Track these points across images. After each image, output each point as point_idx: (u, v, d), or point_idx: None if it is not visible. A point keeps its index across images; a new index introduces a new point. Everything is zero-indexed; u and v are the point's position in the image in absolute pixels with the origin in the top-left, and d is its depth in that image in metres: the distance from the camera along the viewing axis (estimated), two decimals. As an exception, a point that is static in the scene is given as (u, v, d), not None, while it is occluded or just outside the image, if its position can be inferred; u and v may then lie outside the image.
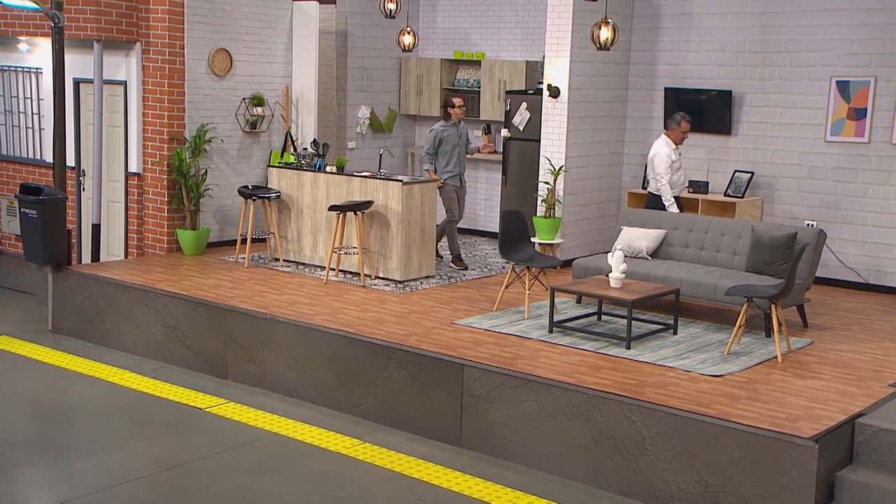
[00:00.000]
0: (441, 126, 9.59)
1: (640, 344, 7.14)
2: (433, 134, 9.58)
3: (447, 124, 9.57)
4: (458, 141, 9.58)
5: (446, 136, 9.52)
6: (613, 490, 5.94)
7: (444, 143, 9.52)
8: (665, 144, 8.77)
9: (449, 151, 9.54)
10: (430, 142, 9.58)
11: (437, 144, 9.52)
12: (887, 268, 8.89)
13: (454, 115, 9.54)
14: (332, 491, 5.86)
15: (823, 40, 9.08)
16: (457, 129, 9.59)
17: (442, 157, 9.54)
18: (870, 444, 5.55)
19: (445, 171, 9.56)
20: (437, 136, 9.54)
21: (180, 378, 7.88)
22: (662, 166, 8.70)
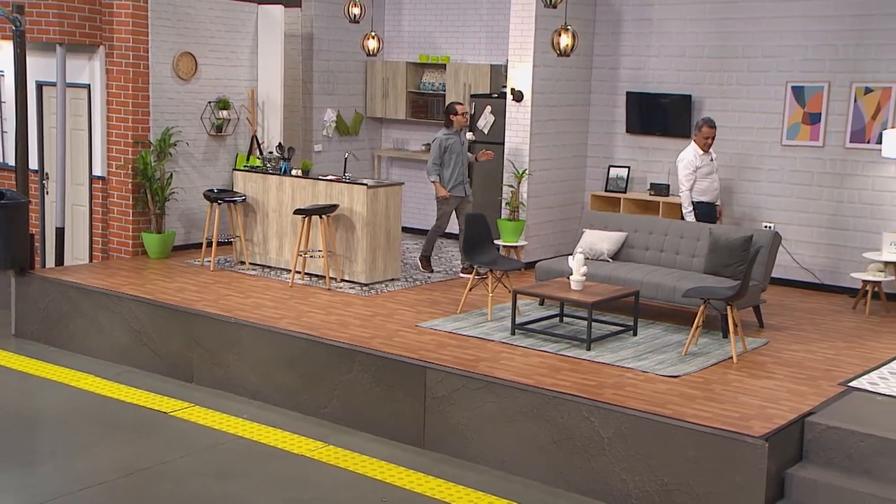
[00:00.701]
0: (444, 134, 9.30)
1: (600, 345, 7.27)
2: (437, 143, 9.28)
3: (450, 132, 9.30)
4: (461, 149, 9.32)
5: (450, 144, 9.24)
6: (573, 490, 6.06)
7: (448, 152, 9.23)
8: (690, 151, 8.72)
9: (453, 160, 9.26)
10: (435, 152, 9.27)
11: (442, 153, 9.23)
12: (842, 268, 9.11)
13: (457, 122, 9.28)
14: (295, 493, 5.92)
15: (779, 46, 9.29)
16: (459, 136, 9.35)
17: (446, 166, 9.27)
18: (819, 442, 5.71)
19: (450, 181, 9.31)
20: (441, 144, 9.25)
21: (145, 382, 7.90)
22: (683, 173, 8.65)
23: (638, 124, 10.26)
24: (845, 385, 6.45)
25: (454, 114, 9.28)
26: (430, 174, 9.37)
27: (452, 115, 9.29)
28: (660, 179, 10.15)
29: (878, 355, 7.17)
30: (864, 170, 8.94)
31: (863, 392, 6.32)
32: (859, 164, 8.96)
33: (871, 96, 8.80)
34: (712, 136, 8.70)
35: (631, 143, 10.37)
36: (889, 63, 8.70)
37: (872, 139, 8.80)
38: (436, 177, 9.32)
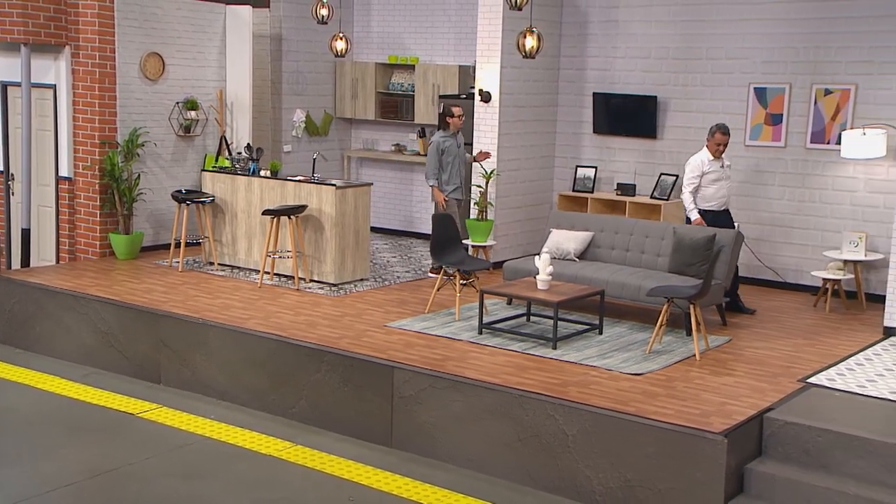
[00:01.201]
0: (441, 136, 9.17)
1: (566, 344, 7.36)
2: (434, 146, 9.12)
3: (447, 134, 9.16)
4: (458, 151, 9.20)
5: (447, 146, 9.12)
6: (538, 487, 6.14)
7: (445, 154, 9.10)
8: (700, 155, 8.46)
9: (450, 163, 9.13)
10: (432, 155, 9.10)
11: (440, 156, 9.09)
12: (803, 267, 9.27)
13: (453, 124, 9.14)
14: (263, 493, 5.95)
15: (742, 48, 9.43)
16: (455, 139, 9.21)
17: (443, 170, 9.13)
18: (777, 438, 5.84)
19: (448, 185, 9.18)
20: (438, 147, 9.10)
21: (112, 383, 7.88)
22: (688, 176, 8.44)
23: (605, 125, 10.37)
24: (804, 382, 6.58)
25: (450, 116, 9.13)
26: (428, 178, 9.18)
27: (449, 118, 9.14)
28: (626, 179, 10.26)
29: (836, 352, 7.32)
30: (824, 170, 9.11)
31: (821, 388, 6.45)
32: (819, 164, 9.12)
33: (831, 98, 8.96)
34: (725, 143, 8.37)
35: (598, 144, 10.48)
36: (848, 65, 8.87)
37: (832, 140, 8.97)
38: (434, 181, 9.13)
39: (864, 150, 8.41)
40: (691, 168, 8.46)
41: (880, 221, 8.79)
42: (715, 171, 8.42)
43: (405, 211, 12.23)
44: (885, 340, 7.64)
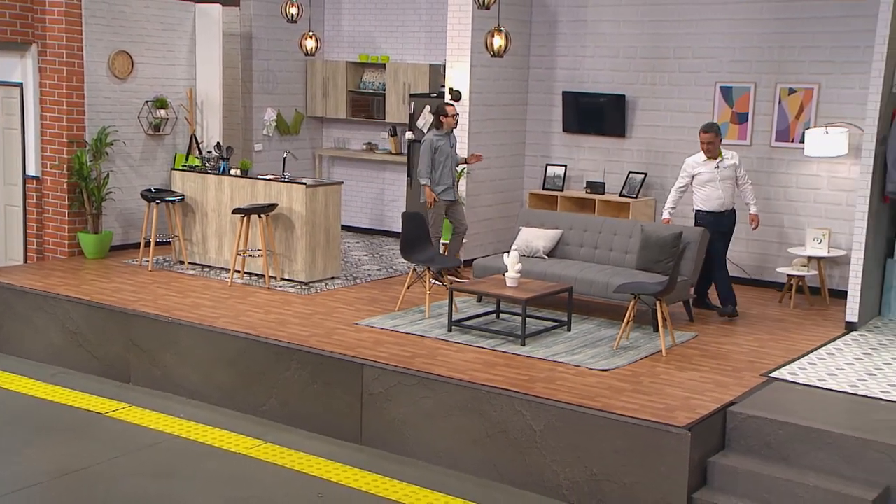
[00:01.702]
0: (434, 135, 9.09)
1: (534, 341, 7.43)
2: (427, 144, 9.03)
3: (440, 133, 9.08)
4: (450, 151, 9.11)
5: (440, 145, 9.03)
6: (506, 482, 6.21)
7: (437, 153, 9.03)
8: (695, 156, 8.36)
9: (442, 162, 9.04)
10: (425, 154, 9.01)
11: (433, 154, 9.00)
12: (769, 263, 9.41)
13: (447, 123, 9.05)
14: (231, 491, 5.97)
15: (708, 48, 9.56)
16: (448, 138, 9.14)
17: (435, 168, 9.05)
18: (740, 431, 5.94)
19: (438, 185, 9.09)
20: (431, 145, 9.01)
21: (81, 383, 7.85)
22: (681, 174, 8.41)
23: (574, 123, 10.45)
24: (767, 376, 6.70)
25: (444, 115, 9.04)
26: (421, 177, 9.09)
27: (443, 117, 9.05)
28: (595, 178, 10.36)
29: (799, 346, 7.45)
30: (788, 168, 9.25)
31: (783, 382, 6.57)
32: (784, 162, 9.26)
33: (795, 97, 9.11)
34: (708, 141, 8.14)
35: (567, 142, 10.57)
36: (811, 65, 9.02)
37: (796, 138, 9.11)
38: (427, 179, 9.05)
39: (827, 148, 8.56)
40: (682, 168, 8.41)
41: (843, 219, 8.94)
42: (707, 171, 8.22)
43: (377, 209, 12.26)
44: (846, 335, 7.78)
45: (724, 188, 8.27)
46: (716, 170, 8.23)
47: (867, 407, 6.10)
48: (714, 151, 8.23)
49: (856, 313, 7.90)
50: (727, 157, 8.29)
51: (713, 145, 8.20)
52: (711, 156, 8.24)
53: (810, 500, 5.47)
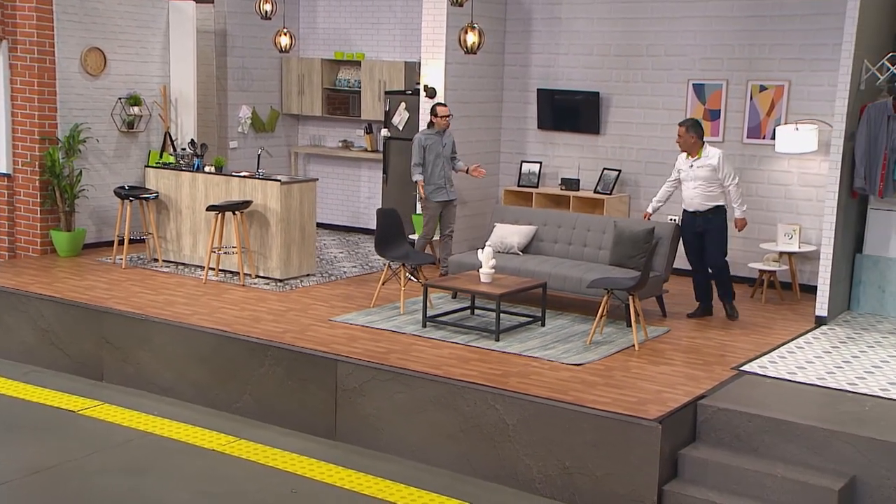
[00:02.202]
0: (424, 133, 9.12)
1: (508, 336, 7.47)
2: (416, 142, 9.06)
3: (430, 131, 9.10)
4: (441, 150, 9.05)
5: (429, 144, 9.02)
6: (479, 476, 6.24)
7: (427, 152, 8.99)
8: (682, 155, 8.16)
9: (431, 161, 9.01)
10: (414, 150, 9.05)
11: (422, 152, 9.01)
12: (741, 259, 9.49)
13: (437, 123, 9.05)
14: (204, 487, 5.96)
15: (680, 45, 9.63)
16: (441, 137, 9.09)
17: (424, 167, 9.04)
18: (710, 424, 6.01)
19: (429, 184, 9.07)
20: (419, 143, 9.02)
21: (53, 381, 7.80)
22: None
23: (549, 121, 10.50)
24: (737, 369, 6.77)
25: (434, 115, 9.05)
26: (412, 174, 9.12)
27: (433, 117, 9.07)
28: (570, 174, 10.41)
29: (769, 340, 7.53)
30: (759, 164, 9.34)
31: (753, 375, 6.65)
32: (755, 158, 9.36)
33: (766, 94, 9.20)
34: (678, 136, 7.99)
35: (542, 139, 10.62)
36: (781, 62, 9.11)
37: (767, 135, 9.21)
38: (419, 176, 9.03)
39: (797, 144, 8.65)
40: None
41: (813, 214, 9.05)
42: (684, 169, 8.07)
43: (353, 207, 12.26)
44: (816, 329, 7.88)
45: (695, 188, 7.96)
46: (690, 169, 8.00)
47: (835, 399, 6.19)
48: (686, 147, 7.98)
49: (825, 308, 8.00)
50: (706, 157, 7.93)
51: (682, 140, 7.96)
52: (685, 152, 8.03)
53: (778, 490, 5.55)
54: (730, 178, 7.97)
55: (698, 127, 8.00)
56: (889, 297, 8.31)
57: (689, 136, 7.97)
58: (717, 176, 7.91)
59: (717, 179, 7.92)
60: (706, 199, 7.98)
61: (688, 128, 7.98)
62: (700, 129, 8.00)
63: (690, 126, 7.99)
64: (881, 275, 8.33)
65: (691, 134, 7.97)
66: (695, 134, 7.97)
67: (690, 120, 8.09)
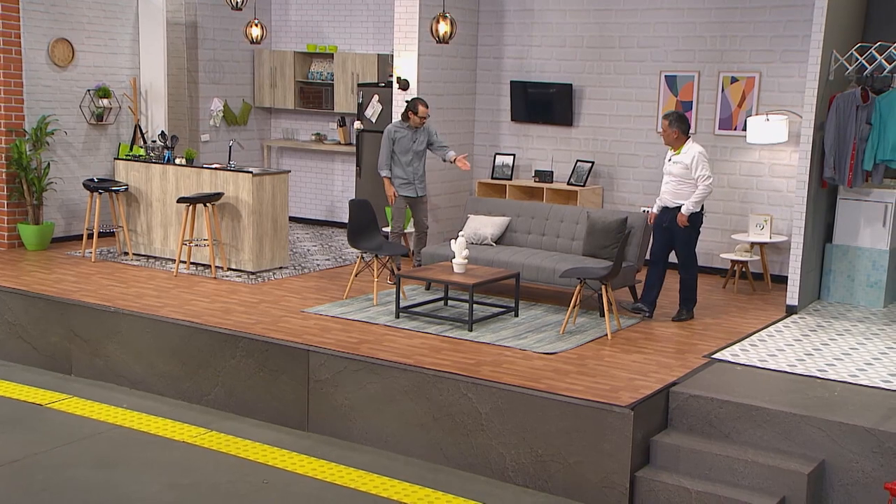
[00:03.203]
0: (395, 126, 8.64)
1: (481, 326, 7.45)
2: (385, 134, 8.59)
3: (402, 125, 8.64)
4: (412, 146, 8.62)
5: (399, 137, 8.59)
6: (452, 465, 6.22)
7: (396, 145, 8.59)
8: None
9: (400, 155, 8.62)
10: (383, 144, 8.58)
11: (391, 146, 8.55)
12: (714, 250, 9.55)
13: (412, 120, 8.58)
14: (174, 479, 5.89)
15: (652, 37, 9.66)
16: (413, 132, 8.63)
17: (394, 162, 8.66)
18: (682, 410, 6.02)
19: (395, 177, 8.69)
20: (389, 135, 8.54)
21: (20, 375, 7.68)
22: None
23: (522, 113, 10.50)
24: (709, 357, 6.80)
25: (413, 112, 8.55)
26: (380, 168, 8.70)
27: (411, 112, 8.55)
28: (544, 167, 10.42)
29: (741, 329, 7.57)
30: (731, 155, 9.39)
31: (724, 363, 6.68)
32: (727, 149, 9.41)
33: (737, 85, 9.25)
34: (664, 129, 7.72)
35: (516, 132, 10.61)
36: (752, 54, 9.16)
37: (739, 126, 9.26)
38: (387, 171, 8.63)
39: (768, 135, 8.71)
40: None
41: (784, 205, 9.11)
42: (665, 163, 7.84)
43: (326, 201, 12.20)
44: (786, 318, 7.93)
45: (667, 183, 7.73)
46: (668, 162, 7.77)
47: (804, 385, 6.23)
48: (669, 141, 7.70)
49: (796, 297, 8.06)
50: (683, 153, 7.62)
51: (665, 133, 7.72)
52: (668, 145, 7.78)
53: (749, 475, 5.57)
54: (702, 180, 7.58)
55: (682, 121, 7.68)
56: (858, 286, 8.38)
57: (671, 130, 7.69)
58: (689, 175, 7.59)
59: (690, 179, 7.59)
60: (675, 196, 7.70)
61: (671, 121, 7.69)
62: (684, 123, 7.68)
63: (673, 120, 7.68)
64: (850, 264, 8.40)
65: (674, 129, 7.68)
66: (677, 129, 7.66)
67: (674, 114, 7.75)
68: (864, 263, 8.33)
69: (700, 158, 7.59)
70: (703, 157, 7.60)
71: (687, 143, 7.70)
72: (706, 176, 7.57)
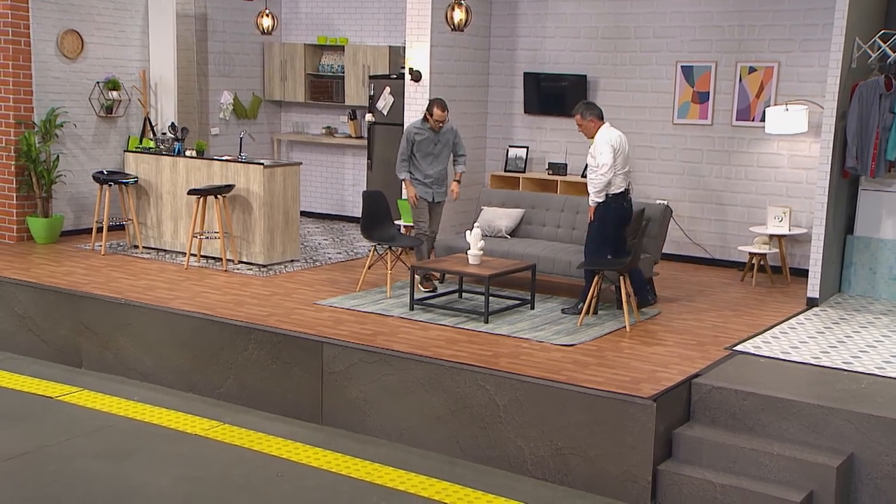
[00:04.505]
0: (415, 127, 8.10)
1: (497, 318, 7.33)
2: (405, 134, 8.11)
3: (423, 126, 8.09)
4: (433, 149, 8.10)
5: (419, 139, 8.07)
6: (469, 458, 6.09)
7: (415, 147, 8.08)
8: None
9: (420, 158, 8.12)
10: (402, 144, 8.10)
11: (410, 148, 8.06)
12: (730, 243, 9.41)
13: (430, 122, 8.05)
14: (186, 471, 5.78)
15: (669, 27, 9.52)
16: (435, 134, 8.09)
17: (412, 164, 8.16)
18: (704, 402, 5.89)
19: (413, 179, 8.19)
20: (408, 136, 8.04)
21: (30, 368, 7.58)
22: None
23: (535, 105, 10.37)
24: (731, 349, 6.66)
25: (429, 113, 8.00)
26: (398, 171, 8.18)
27: (428, 114, 8.02)
28: (557, 159, 10.29)
29: (761, 322, 7.43)
30: (749, 146, 9.25)
31: (747, 355, 6.54)
32: (745, 141, 9.26)
33: (755, 75, 9.11)
34: (579, 125, 7.28)
35: (529, 124, 10.48)
36: (771, 43, 9.02)
37: (757, 117, 9.12)
38: (406, 174, 8.10)
39: (787, 125, 8.56)
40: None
41: (803, 196, 8.97)
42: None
43: (336, 195, 12.09)
44: (808, 311, 7.79)
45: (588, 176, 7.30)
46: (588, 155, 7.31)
47: (831, 377, 6.09)
48: (591, 133, 7.17)
49: (817, 289, 7.91)
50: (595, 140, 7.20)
51: (583, 128, 7.18)
52: (591, 138, 7.20)
53: (775, 468, 5.44)
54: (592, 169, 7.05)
55: (592, 107, 7.11)
56: (880, 278, 8.23)
57: (586, 121, 7.11)
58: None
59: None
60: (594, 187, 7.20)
61: (582, 112, 7.13)
62: (595, 108, 7.12)
63: (584, 110, 7.12)
64: (872, 256, 8.26)
65: (588, 118, 7.09)
66: (593, 116, 7.08)
67: (581, 104, 7.20)
68: (886, 256, 8.18)
69: (601, 143, 7.01)
70: (605, 143, 7.02)
71: (601, 130, 7.16)
72: (600, 164, 7.02)
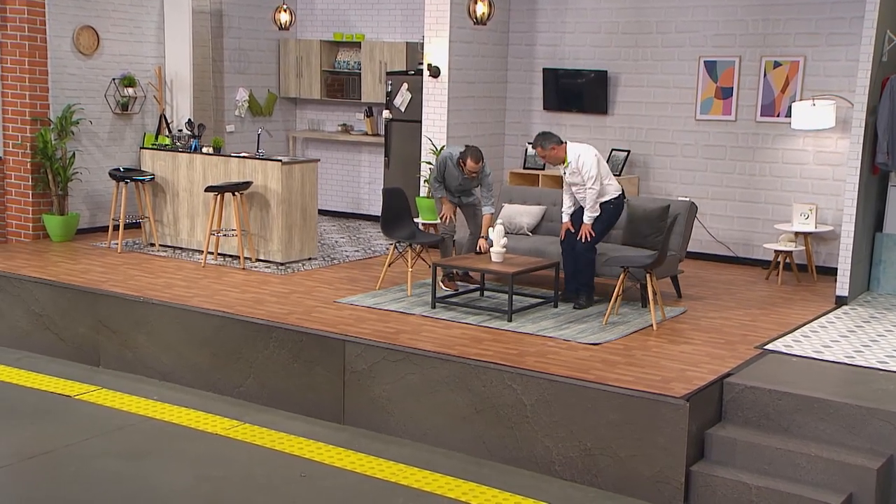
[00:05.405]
0: (450, 159, 7.85)
1: (521, 316, 7.20)
2: (439, 160, 7.99)
3: (456, 165, 7.85)
4: (458, 185, 7.91)
5: (448, 175, 7.90)
6: (495, 458, 5.97)
7: (446, 171, 7.89)
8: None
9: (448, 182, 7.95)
10: (435, 166, 8.08)
11: (442, 170, 7.92)
12: (754, 241, 9.26)
13: (464, 169, 7.77)
14: (206, 471, 5.68)
15: (691, 22, 9.38)
16: (467, 180, 7.88)
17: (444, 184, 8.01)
18: (737, 402, 5.75)
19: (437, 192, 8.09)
20: (440, 164, 7.92)
21: (48, 367, 7.50)
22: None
23: (555, 101, 10.24)
24: (761, 348, 6.52)
25: (462, 161, 7.71)
26: (433, 192, 8.14)
27: (461, 161, 7.74)
28: (577, 156, 10.14)
29: (791, 320, 7.29)
30: (774, 143, 9.10)
31: (778, 354, 6.40)
32: (769, 137, 9.11)
33: (780, 70, 8.96)
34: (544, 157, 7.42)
35: (548, 121, 10.34)
36: (796, 37, 8.87)
37: (782, 112, 8.96)
38: (441, 193, 8.00)
39: (814, 121, 8.41)
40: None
41: (830, 193, 8.81)
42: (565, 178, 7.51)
43: (353, 193, 11.98)
44: (837, 309, 7.64)
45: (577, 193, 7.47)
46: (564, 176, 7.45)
47: (867, 377, 5.95)
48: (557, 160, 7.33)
49: (846, 287, 7.76)
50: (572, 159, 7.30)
51: (548, 158, 7.33)
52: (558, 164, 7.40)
53: (812, 469, 5.30)
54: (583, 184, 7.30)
55: (548, 136, 7.27)
56: (910, 276, 8.08)
57: (547, 150, 7.25)
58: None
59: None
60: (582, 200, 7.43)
61: (542, 144, 7.25)
62: (550, 136, 7.27)
63: (544, 140, 7.26)
64: (902, 254, 8.10)
65: (549, 146, 7.23)
66: (554, 143, 7.23)
67: (536, 137, 7.37)
68: (916, 253, 8.03)
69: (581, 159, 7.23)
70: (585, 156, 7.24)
71: (569, 149, 7.31)
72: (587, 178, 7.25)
